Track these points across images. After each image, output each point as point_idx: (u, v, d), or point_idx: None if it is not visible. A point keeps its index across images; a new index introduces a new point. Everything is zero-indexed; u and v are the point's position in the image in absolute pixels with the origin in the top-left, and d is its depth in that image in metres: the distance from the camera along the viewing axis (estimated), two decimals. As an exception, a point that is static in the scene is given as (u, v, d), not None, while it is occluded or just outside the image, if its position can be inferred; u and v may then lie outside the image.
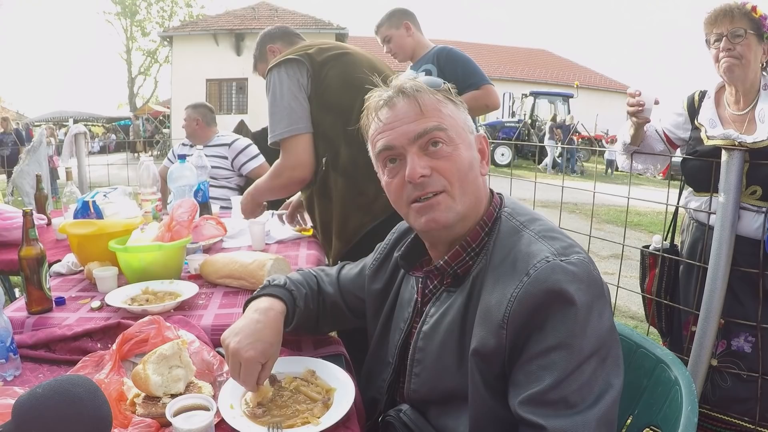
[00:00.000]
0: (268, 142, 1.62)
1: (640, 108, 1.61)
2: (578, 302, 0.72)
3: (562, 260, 0.74)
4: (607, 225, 6.48)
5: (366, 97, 0.90)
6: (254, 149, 3.03)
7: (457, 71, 2.39)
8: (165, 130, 18.34)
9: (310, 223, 1.93)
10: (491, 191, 0.92)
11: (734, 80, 1.56)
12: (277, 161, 1.63)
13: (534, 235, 0.81)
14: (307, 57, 1.58)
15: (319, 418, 0.84)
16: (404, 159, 0.84)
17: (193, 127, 3.06)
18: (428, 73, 2.41)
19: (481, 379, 0.78)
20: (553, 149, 13.45)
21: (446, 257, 0.86)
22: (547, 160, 13.73)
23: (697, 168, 1.66)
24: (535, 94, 16.45)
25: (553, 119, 14.35)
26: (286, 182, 1.65)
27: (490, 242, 0.84)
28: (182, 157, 1.60)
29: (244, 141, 3.06)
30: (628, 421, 0.99)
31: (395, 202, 0.89)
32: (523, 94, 16.64)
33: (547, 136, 13.90)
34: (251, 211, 1.79)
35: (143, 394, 0.87)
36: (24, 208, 1.19)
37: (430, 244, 0.93)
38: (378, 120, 0.87)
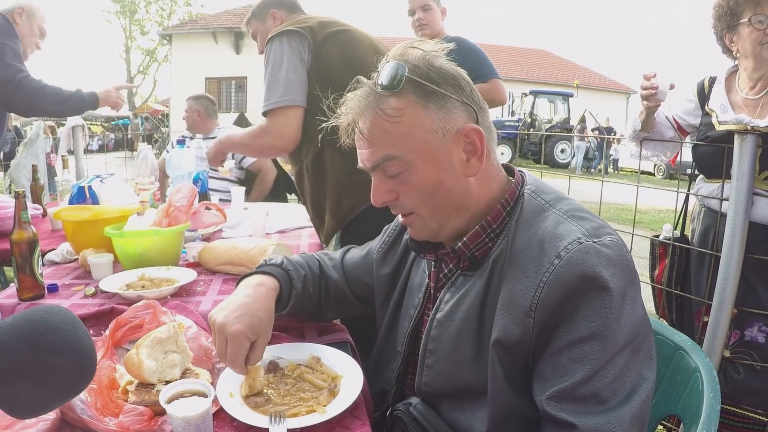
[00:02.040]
0: (262, 111, 1.57)
1: (653, 91, 1.57)
2: (613, 288, 0.66)
3: (595, 242, 0.69)
4: (608, 223, 6.44)
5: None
6: None
7: (467, 61, 2.31)
8: (164, 129, 18.28)
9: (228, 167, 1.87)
10: (510, 168, 0.86)
11: None
12: (262, 123, 1.58)
13: (562, 214, 0.75)
14: (309, 30, 1.55)
15: (325, 406, 0.79)
16: None
17: (194, 119, 3.02)
18: None
19: (503, 371, 0.73)
20: (582, 150, 13.78)
21: (465, 239, 0.79)
22: (577, 161, 14.08)
23: (709, 154, 1.62)
24: (535, 93, 16.40)
25: (582, 121, 14.46)
26: (266, 146, 1.61)
27: (511, 222, 0.78)
28: (181, 142, 1.55)
29: None
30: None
31: None
32: (523, 93, 16.59)
33: (576, 138, 14.09)
34: (214, 158, 1.75)
35: (136, 381, 0.82)
36: (17, 190, 1.14)
37: None
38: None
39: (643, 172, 11.44)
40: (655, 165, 11.78)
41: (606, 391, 0.65)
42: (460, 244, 0.80)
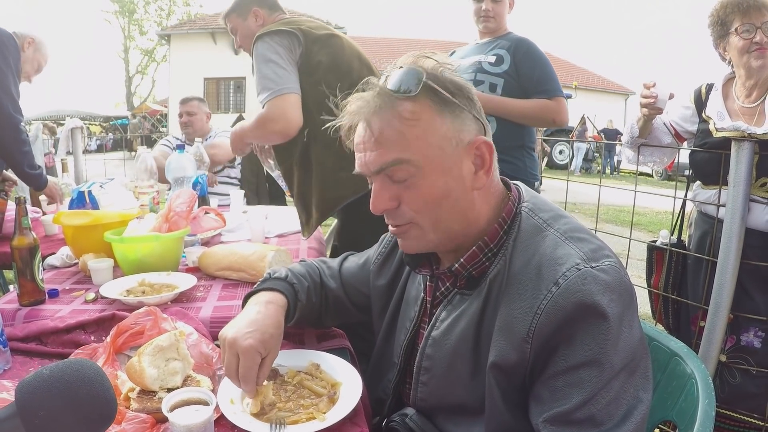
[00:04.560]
0: (262, 104, 1.58)
1: (652, 100, 1.58)
2: (610, 315, 0.66)
3: (593, 267, 0.69)
4: (606, 225, 6.46)
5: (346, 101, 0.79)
6: None
7: (534, 72, 2.08)
8: (162, 129, 18.26)
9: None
10: (507, 183, 0.85)
11: (763, 73, 1.53)
12: (263, 112, 1.58)
13: (560, 235, 0.74)
14: (301, 32, 1.57)
15: (325, 413, 0.80)
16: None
17: (204, 121, 3.02)
18: (499, 59, 2.09)
19: (500, 393, 0.73)
20: (581, 151, 14.00)
21: (462, 259, 0.78)
22: (577, 162, 14.39)
23: (706, 160, 1.63)
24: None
25: (582, 123, 14.56)
26: (266, 134, 1.62)
27: (508, 241, 0.76)
28: (181, 147, 1.56)
29: None
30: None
31: None
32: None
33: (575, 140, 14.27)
34: (239, 148, 1.76)
35: (138, 388, 0.83)
36: (17, 195, 1.15)
37: None
38: (354, 138, 0.78)
39: (641, 174, 11.49)
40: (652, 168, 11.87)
41: (602, 414, 0.65)
42: (457, 264, 0.79)
